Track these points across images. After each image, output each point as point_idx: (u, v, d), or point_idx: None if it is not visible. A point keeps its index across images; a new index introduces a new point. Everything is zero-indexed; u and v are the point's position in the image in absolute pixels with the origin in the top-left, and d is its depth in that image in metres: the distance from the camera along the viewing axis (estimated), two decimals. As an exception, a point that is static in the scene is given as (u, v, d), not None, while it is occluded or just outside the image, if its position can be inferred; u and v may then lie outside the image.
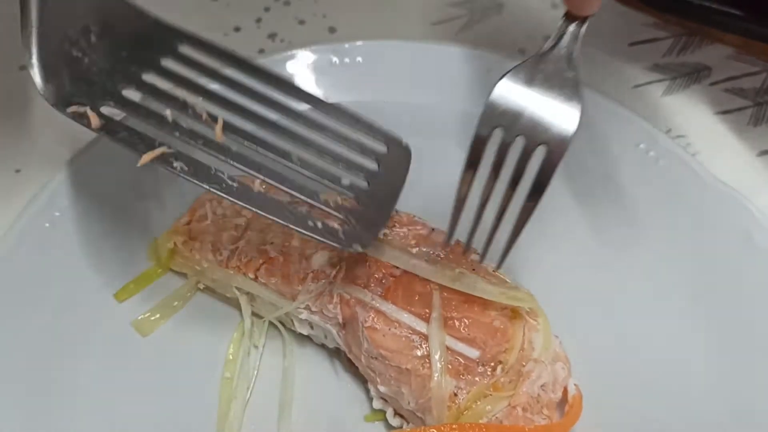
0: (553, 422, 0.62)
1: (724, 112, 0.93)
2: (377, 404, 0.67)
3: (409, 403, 0.62)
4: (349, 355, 0.68)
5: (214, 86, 0.59)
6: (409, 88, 0.88)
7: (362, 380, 0.69)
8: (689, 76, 0.96)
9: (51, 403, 0.66)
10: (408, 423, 0.66)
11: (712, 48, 0.99)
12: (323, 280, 0.67)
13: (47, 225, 0.74)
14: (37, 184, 0.76)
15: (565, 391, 0.65)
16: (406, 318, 0.63)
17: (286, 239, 0.70)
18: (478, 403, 0.60)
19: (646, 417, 0.68)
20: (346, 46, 0.88)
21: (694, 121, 0.92)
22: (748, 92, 0.95)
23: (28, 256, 0.72)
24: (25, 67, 0.55)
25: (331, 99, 0.86)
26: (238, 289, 0.71)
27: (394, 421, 0.66)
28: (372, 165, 0.63)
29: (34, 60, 0.43)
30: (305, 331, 0.70)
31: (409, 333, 0.63)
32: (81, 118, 0.46)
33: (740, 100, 0.94)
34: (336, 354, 0.71)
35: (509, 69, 0.60)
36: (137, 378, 0.69)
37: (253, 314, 0.72)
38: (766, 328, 0.70)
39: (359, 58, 0.88)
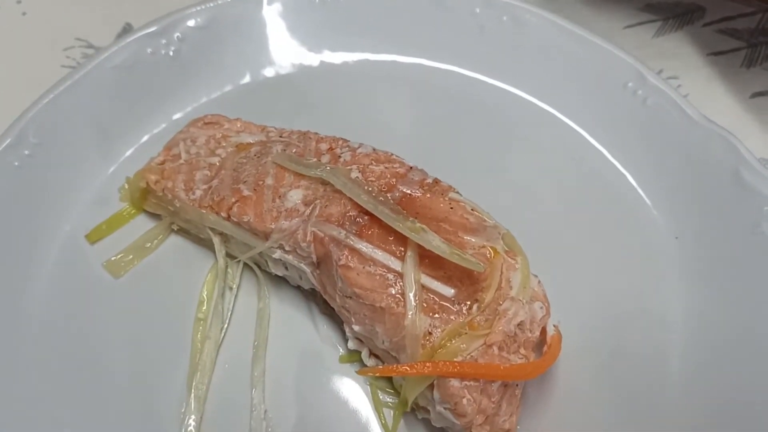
0: (529, 361, 0.60)
1: (717, 54, 0.90)
2: (352, 345, 0.65)
3: (383, 342, 0.61)
4: (324, 296, 0.66)
5: None
6: (392, 29, 0.85)
7: (338, 322, 0.68)
8: (682, 16, 0.94)
9: (23, 344, 0.65)
10: (383, 363, 0.64)
11: (706, -13, 0.96)
12: (297, 219, 0.65)
13: (16, 164, 0.72)
14: (6, 124, 0.74)
15: (544, 331, 0.63)
16: (381, 256, 0.61)
17: (260, 177, 0.68)
18: (453, 341, 0.58)
19: (627, 360, 0.67)
20: (328, -18, 0.85)
21: (687, 62, 0.90)
22: (742, 33, 0.92)
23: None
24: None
25: (314, 42, 0.84)
26: (212, 229, 0.69)
27: (369, 362, 0.65)
28: None
29: None
30: (280, 272, 0.69)
31: (384, 271, 0.61)
32: None
33: (734, 41, 0.91)
34: (312, 295, 0.70)
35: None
36: (109, 319, 0.68)
37: (228, 255, 0.71)
38: (752, 265, 0.69)
39: (341, -3, 0.86)
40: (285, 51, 0.84)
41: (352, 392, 0.65)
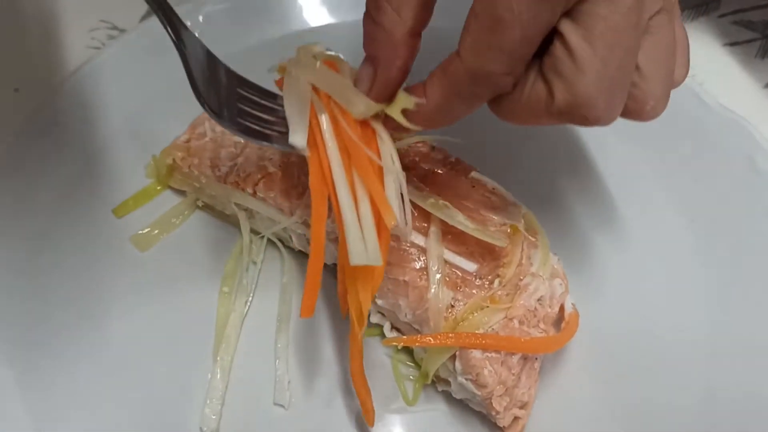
0: (549, 335, 0.62)
1: (732, 44, 0.92)
2: (375, 318, 0.67)
3: (406, 315, 0.62)
4: (347, 270, 0.68)
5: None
6: None
7: (360, 297, 0.69)
8: (697, 8, 0.95)
9: (47, 314, 0.67)
10: (405, 336, 0.66)
11: (721, -21, 0.97)
12: (322, 194, 0.66)
13: (47, 141, 0.73)
14: (36, 102, 0.76)
15: (562, 308, 0.65)
16: (405, 231, 0.63)
17: (285, 155, 0.70)
18: (475, 314, 0.60)
19: (641, 341, 0.67)
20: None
21: (702, 53, 0.91)
22: (757, 25, 0.93)
23: (29, 170, 0.72)
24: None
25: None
26: (237, 205, 0.71)
27: (391, 335, 0.66)
28: None
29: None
30: (303, 248, 0.70)
31: (407, 246, 0.62)
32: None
33: (749, 33, 0.93)
34: (334, 271, 0.71)
35: None
36: (134, 291, 0.69)
37: (252, 231, 0.72)
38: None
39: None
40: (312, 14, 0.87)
41: (374, 365, 0.66)
